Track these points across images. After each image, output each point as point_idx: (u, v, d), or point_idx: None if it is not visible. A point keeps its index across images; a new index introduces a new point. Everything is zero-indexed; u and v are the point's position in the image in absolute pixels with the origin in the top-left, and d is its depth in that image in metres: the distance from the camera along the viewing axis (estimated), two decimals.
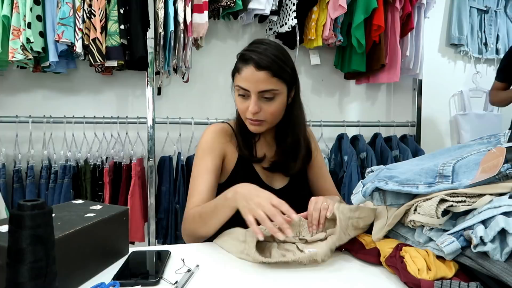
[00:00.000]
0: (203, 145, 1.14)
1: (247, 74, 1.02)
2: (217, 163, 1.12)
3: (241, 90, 1.05)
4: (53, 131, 1.95)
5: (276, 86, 1.03)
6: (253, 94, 1.03)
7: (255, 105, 1.03)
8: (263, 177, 1.17)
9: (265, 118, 1.06)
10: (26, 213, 0.52)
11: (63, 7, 1.71)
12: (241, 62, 1.05)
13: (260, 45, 1.05)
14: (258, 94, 1.03)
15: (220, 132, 1.16)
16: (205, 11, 1.84)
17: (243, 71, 1.03)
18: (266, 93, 1.03)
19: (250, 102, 1.04)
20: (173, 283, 0.69)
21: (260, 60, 1.01)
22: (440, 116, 2.54)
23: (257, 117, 1.05)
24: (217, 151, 1.13)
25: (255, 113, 1.04)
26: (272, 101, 1.05)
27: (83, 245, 0.70)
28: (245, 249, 0.81)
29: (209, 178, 1.09)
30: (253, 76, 1.01)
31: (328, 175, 1.28)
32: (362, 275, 0.76)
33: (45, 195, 1.87)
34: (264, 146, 1.20)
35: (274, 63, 1.02)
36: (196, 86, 2.17)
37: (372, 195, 0.79)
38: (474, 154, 0.79)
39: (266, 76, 1.01)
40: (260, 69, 1.01)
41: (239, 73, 1.05)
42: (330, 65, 2.29)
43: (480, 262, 0.62)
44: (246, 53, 1.04)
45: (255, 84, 1.02)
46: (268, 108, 1.05)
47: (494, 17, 2.51)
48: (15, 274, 0.52)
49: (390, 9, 2.05)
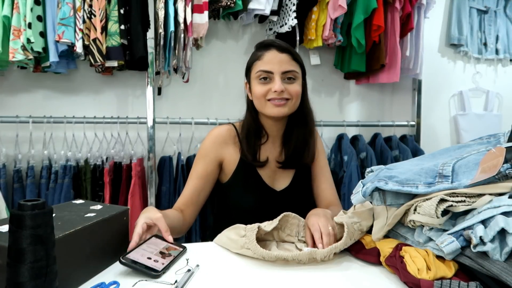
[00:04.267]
0: (200, 150, 1.19)
1: (271, 57, 1.09)
2: (209, 169, 1.16)
3: (263, 73, 1.10)
4: (54, 131, 1.95)
5: (296, 68, 1.12)
6: (277, 74, 1.09)
7: (280, 83, 1.08)
8: (265, 179, 1.17)
9: (290, 97, 1.11)
10: (26, 213, 0.52)
11: (64, 7, 1.71)
12: (262, 49, 1.12)
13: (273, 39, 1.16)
14: (282, 75, 1.09)
15: (220, 137, 1.18)
16: (205, 11, 1.84)
17: (264, 55, 1.10)
18: (288, 73, 1.10)
19: (273, 83, 1.09)
20: (173, 283, 0.70)
21: (281, 44, 1.11)
22: (440, 116, 2.54)
23: (282, 96, 1.10)
24: (211, 157, 1.16)
25: (280, 91, 1.08)
26: (294, 81, 1.12)
27: (83, 245, 0.70)
28: (246, 243, 0.82)
29: (197, 183, 1.15)
30: (276, 57, 1.09)
31: (329, 175, 1.28)
32: (362, 275, 0.76)
33: (45, 195, 1.87)
34: (268, 149, 1.20)
35: (292, 49, 1.13)
36: (196, 86, 2.17)
37: (372, 195, 0.79)
38: (474, 154, 0.79)
39: (288, 58, 1.10)
40: (282, 51, 1.09)
41: (259, 59, 1.11)
42: (330, 65, 2.29)
43: (479, 262, 0.62)
44: (265, 41, 1.13)
45: (279, 65, 1.09)
46: (292, 88, 1.11)
47: (494, 17, 2.51)
48: (15, 274, 0.52)
49: (390, 9, 2.05)
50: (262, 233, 0.87)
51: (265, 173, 1.18)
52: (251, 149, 1.16)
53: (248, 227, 0.86)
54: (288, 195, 1.19)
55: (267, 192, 1.17)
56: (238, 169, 1.16)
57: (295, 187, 1.20)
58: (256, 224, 0.86)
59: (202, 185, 1.15)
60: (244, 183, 1.17)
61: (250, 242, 0.80)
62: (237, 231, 0.89)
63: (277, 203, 1.15)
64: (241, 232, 0.86)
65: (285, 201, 1.17)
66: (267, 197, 1.17)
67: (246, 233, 0.84)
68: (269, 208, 1.09)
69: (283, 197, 1.18)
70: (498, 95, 2.59)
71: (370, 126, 2.26)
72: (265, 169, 1.18)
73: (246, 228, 0.86)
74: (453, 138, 2.58)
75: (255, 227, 0.84)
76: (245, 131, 1.17)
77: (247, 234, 0.83)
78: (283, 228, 0.93)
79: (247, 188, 1.17)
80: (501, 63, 2.59)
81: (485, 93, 2.57)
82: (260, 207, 1.13)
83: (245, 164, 1.16)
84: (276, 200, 1.17)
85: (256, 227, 0.84)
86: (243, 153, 1.16)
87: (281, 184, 1.19)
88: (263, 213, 1.01)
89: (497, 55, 2.54)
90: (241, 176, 1.17)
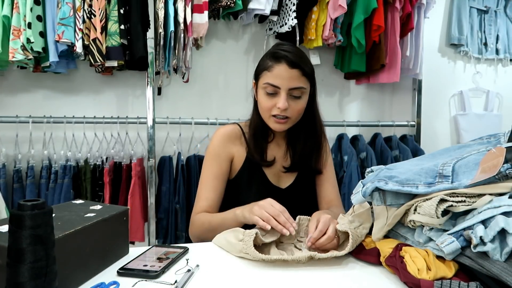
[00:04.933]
0: (211, 151, 1.18)
1: (280, 71, 1.05)
2: (223, 168, 1.16)
3: (270, 87, 1.07)
4: (53, 131, 1.95)
5: (305, 84, 1.08)
6: (283, 91, 1.06)
7: (285, 101, 1.06)
8: (270, 177, 1.18)
9: (291, 115, 1.09)
10: (26, 213, 0.52)
11: (63, 7, 1.71)
12: (272, 59, 1.07)
13: (287, 46, 1.10)
14: (288, 91, 1.06)
15: (227, 135, 1.18)
16: (205, 11, 1.84)
17: (274, 68, 1.06)
18: (295, 90, 1.07)
19: (279, 99, 1.06)
20: (173, 283, 0.70)
21: (293, 58, 1.05)
22: (440, 116, 2.54)
23: (284, 114, 1.08)
24: (223, 156, 1.17)
25: (284, 109, 1.06)
26: (299, 99, 1.09)
27: (83, 245, 0.70)
28: (243, 248, 0.82)
29: (216, 184, 1.14)
30: (286, 73, 1.05)
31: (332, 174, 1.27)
32: (362, 275, 0.76)
33: (45, 195, 1.87)
34: (275, 148, 1.21)
35: (303, 62, 1.07)
36: (196, 86, 2.17)
37: (372, 195, 0.79)
38: (474, 154, 0.79)
39: (298, 74, 1.06)
40: (292, 67, 1.05)
41: (269, 71, 1.07)
42: (330, 65, 2.29)
43: (480, 262, 0.62)
44: (278, 52, 1.07)
45: (287, 81, 1.05)
46: (296, 106, 1.09)
47: (494, 17, 2.51)
48: (15, 274, 0.52)
49: (390, 9, 2.05)
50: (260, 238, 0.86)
51: (270, 171, 1.19)
52: (258, 148, 1.17)
53: (247, 232, 0.86)
54: (293, 192, 1.20)
55: (272, 190, 1.18)
56: (243, 168, 1.17)
57: (300, 184, 1.21)
58: (254, 230, 0.85)
59: (221, 185, 1.16)
60: (248, 182, 1.18)
61: (248, 248, 0.80)
62: (236, 234, 0.88)
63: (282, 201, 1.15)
64: (239, 236, 0.86)
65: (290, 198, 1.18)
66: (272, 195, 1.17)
67: (244, 237, 0.84)
68: None
69: (288, 194, 1.19)
70: (498, 95, 2.59)
71: (370, 126, 2.26)
72: (270, 168, 1.19)
73: (245, 233, 0.86)
74: (453, 138, 2.58)
75: (253, 233, 0.83)
76: (252, 131, 1.18)
77: (245, 239, 0.83)
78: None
79: (251, 186, 1.17)
80: (501, 63, 2.59)
81: (485, 93, 2.57)
82: None
83: (251, 163, 1.17)
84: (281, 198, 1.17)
85: (254, 233, 0.83)
86: (250, 152, 1.17)
87: (286, 182, 1.20)
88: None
89: (497, 55, 2.54)
90: (246, 175, 1.17)
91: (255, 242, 0.82)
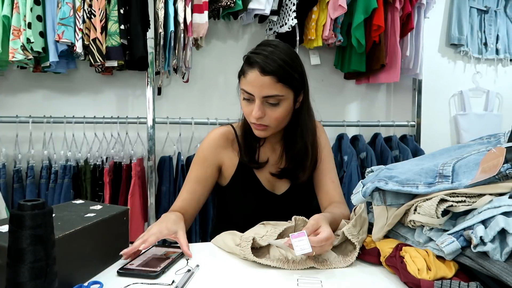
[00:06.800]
0: (199, 153, 1.15)
1: (252, 78, 0.99)
2: (208, 173, 1.13)
3: (245, 94, 1.02)
4: (53, 131, 1.95)
5: (281, 91, 1.00)
6: (257, 98, 1.00)
7: (258, 110, 1.00)
8: (265, 183, 1.15)
9: (269, 124, 1.04)
10: (26, 213, 0.52)
11: (63, 7, 1.71)
12: (247, 65, 1.02)
13: (267, 47, 1.01)
14: (263, 99, 1.00)
15: (219, 139, 1.14)
16: (205, 11, 1.84)
17: (247, 74, 1.00)
18: (270, 98, 1.00)
19: (254, 105, 1.01)
20: (173, 283, 0.70)
21: (265, 65, 0.97)
22: (440, 116, 2.54)
23: (261, 122, 1.03)
24: (210, 161, 1.13)
25: (258, 118, 1.01)
26: (276, 106, 1.02)
27: (83, 245, 0.70)
28: (241, 253, 0.82)
29: (195, 187, 1.12)
30: (257, 80, 0.98)
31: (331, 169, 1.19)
32: (362, 275, 0.76)
33: (45, 195, 1.87)
34: (268, 150, 1.17)
35: (280, 68, 0.98)
36: (196, 86, 2.17)
37: (372, 195, 0.79)
38: (474, 154, 0.79)
39: (271, 81, 0.98)
40: (265, 74, 0.97)
41: (244, 76, 1.02)
42: (330, 65, 2.29)
43: (480, 262, 0.62)
44: (252, 56, 1.00)
45: (259, 89, 0.99)
46: (273, 114, 1.02)
47: (494, 17, 2.51)
48: (15, 274, 0.52)
49: (390, 9, 2.05)
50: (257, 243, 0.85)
51: (264, 177, 1.15)
52: (248, 149, 1.13)
53: (244, 237, 0.85)
54: (288, 198, 1.16)
55: (267, 197, 1.14)
56: (236, 174, 1.14)
57: (296, 190, 1.16)
58: (251, 236, 0.84)
59: (201, 189, 1.12)
60: (242, 189, 1.14)
61: (245, 253, 0.80)
62: (233, 237, 0.88)
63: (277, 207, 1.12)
64: (237, 240, 0.86)
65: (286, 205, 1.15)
66: (267, 202, 1.14)
67: (241, 243, 0.83)
68: (270, 212, 1.06)
69: (283, 201, 1.16)
70: (498, 95, 2.58)
71: (370, 126, 2.26)
72: (264, 173, 1.15)
73: (242, 237, 0.85)
74: (453, 138, 2.58)
75: (249, 239, 0.82)
76: (242, 131, 1.15)
77: (242, 244, 0.83)
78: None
79: (246, 193, 1.14)
80: (501, 63, 2.58)
81: (485, 93, 2.56)
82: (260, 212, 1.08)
83: (244, 168, 1.13)
84: (277, 204, 1.15)
85: (251, 239, 0.82)
86: (241, 154, 1.13)
87: (281, 188, 1.16)
88: (263, 218, 0.99)
89: (497, 55, 2.54)
90: (239, 181, 1.14)
91: (252, 245, 0.82)
